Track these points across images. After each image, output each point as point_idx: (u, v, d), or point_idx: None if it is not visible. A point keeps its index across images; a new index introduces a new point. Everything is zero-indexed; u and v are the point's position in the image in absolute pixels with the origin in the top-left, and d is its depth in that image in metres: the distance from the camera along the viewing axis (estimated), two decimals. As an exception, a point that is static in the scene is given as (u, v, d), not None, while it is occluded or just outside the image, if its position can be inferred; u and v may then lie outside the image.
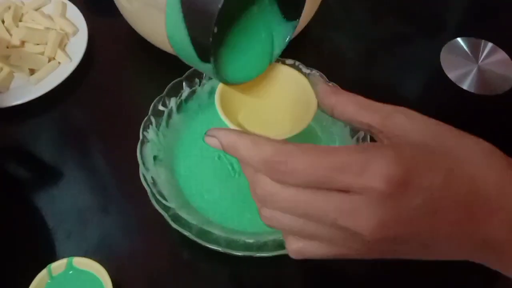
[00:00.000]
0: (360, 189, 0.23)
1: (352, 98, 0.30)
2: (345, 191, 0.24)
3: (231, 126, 0.32)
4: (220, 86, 0.34)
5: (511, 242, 0.26)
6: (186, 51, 0.30)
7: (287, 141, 0.27)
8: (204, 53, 0.28)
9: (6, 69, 0.57)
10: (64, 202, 0.51)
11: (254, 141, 0.26)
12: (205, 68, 0.30)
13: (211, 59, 0.28)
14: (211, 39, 0.27)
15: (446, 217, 0.25)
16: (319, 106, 0.32)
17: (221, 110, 0.33)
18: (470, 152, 0.27)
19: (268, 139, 0.26)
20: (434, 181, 0.24)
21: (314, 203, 0.25)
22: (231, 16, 0.30)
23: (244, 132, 0.28)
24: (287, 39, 0.34)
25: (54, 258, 0.44)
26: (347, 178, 0.24)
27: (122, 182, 0.52)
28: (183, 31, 0.28)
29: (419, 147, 0.26)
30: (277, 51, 0.35)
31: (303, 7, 0.33)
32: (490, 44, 0.67)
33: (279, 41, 0.34)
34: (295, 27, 0.33)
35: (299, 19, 0.34)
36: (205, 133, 0.30)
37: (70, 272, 0.43)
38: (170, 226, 0.42)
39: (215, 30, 0.26)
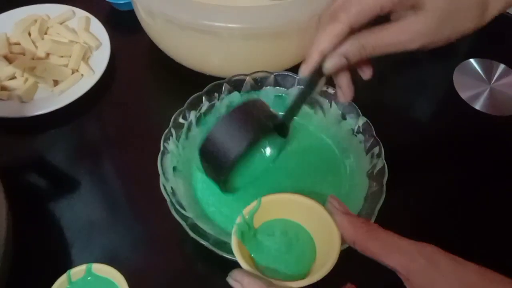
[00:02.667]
0: None
1: (372, 234, 0.29)
2: None
3: (245, 265, 0.32)
4: (236, 227, 0.36)
5: None
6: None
7: None
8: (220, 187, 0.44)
9: (31, 80, 0.59)
10: (83, 211, 0.52)
11: None
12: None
13: (223, 189, 0.44)
14: (220, 185, 0.44)
15: None
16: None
17: (236, 247, 0.34)
18: None
19: None
20: None
21: None
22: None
23: (269, 285, 0.30)
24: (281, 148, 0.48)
25: (74, 265, 0.45)
26: None
27: (140, 192, 0.54)
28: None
29: None
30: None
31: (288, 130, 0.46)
32: (502, 66, 0.68)
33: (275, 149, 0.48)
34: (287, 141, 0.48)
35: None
36: (229, 274, 0.32)
37: (89, 278, 0.44)
38: (186, 237, 0.43)
39: (223, 178, 0.43)
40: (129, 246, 0.50)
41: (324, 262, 0.32)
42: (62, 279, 0.43)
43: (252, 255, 0.35)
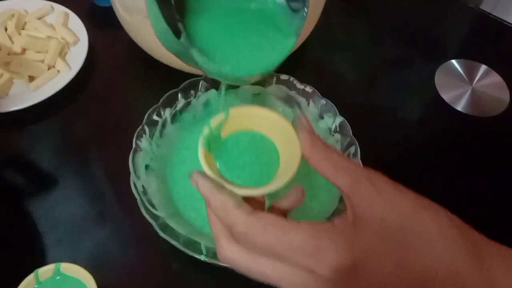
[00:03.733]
0: (310, 270, 0.26)
1: (326, 154, 0.30)
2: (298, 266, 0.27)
3: (209, 173, 0.32)
4: (206, 131, 0.35)
5: None
6: (166, 35, 0.30)
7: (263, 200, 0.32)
8: (176, 29, 0.29)
9: (6, 75, 0.58)
10: (57, 208, 0.51)
11: (222, 205, 0.29)
12: (188, 52, 0.30)
13: (182, 33, 0.28)
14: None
15: None
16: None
17: (202, 156, 0.33)
18: (428, 233, 0.28)
19: (235, 206, 0.29)
20: (382, 271, 0.27)
21: (268, 270, 0.28)
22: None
23: (219, 188, 0.30)
24: (298, 31, 0.33)
25: (42, 264, 0.44)
26: (300, 259, 0.26)
27: (116, 190, 0.53)
28: (159, 15, 0.29)
29: (376, 230, 0.27)
30: (288, 46, 0.34)
31: None
32: (484, 67, 0.68)
33: (289, 35, 0.33)
34: (305, 18, 0.32)
35: (307, 9, 0.33)
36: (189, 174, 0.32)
37: (58, 277, 0.43)
38: (160, 235, 0.42)
39: None
40: (100, 245, 0.49)
41: (284, 176, 0.32)
42: (30, 278, 0.42)
43: (218, 165, 0.35)
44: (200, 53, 0.30)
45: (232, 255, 0.29)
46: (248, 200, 0.31)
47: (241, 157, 0.35)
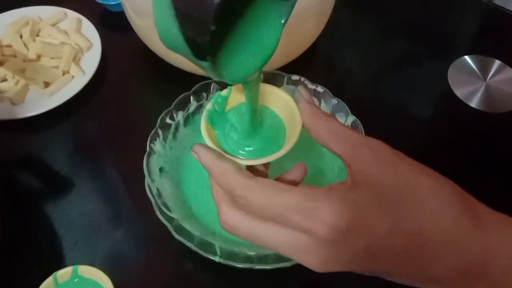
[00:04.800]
0: (307, 231, 0.26)
1: (326, 123, 0.30)
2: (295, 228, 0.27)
3: (211, 145, 0.32)
4: (208, 106, 0.35)
5: (457, 281, 0.28)
6: (180, 49, 0.27)
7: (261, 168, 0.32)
8: (200, 53, 0.26)
9: (22, 82, 0.59)
10: (73, 211, 0.52)
11: (223, 172, 0.29)
12: (202, 65, 0.27)
13: (208, 58, 0.26)
14: (208, 38, 0.24)
15: (388, 261, 0.27)
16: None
17: (205, 130, 0.33)
18: (427, 197, 0.27)
19: (236, 171, 0.29)
20: (378, 232, 0.26)
21: (267, 234, 0.28)
22: (226, 9, 0.25)
23: (219, 156, 0.30)
24: (284, 20, 0.30)
25: (60, 266, 0.45)
26: (297, 220, 0.26)
27: (130, 193, 0.53)
28: (175, 28, 0.25)
29: (374, 192, 0.27)
30: (276, 35, 0.30)
31: None
32: (498, 62, 0.67)
33: (276, 24, 0.30)
34: (293, 5, 0.30)
35: None
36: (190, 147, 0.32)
37: (75, 280, 0.44)
38: (174, 237, 0.43)
39: (213, 28, 0.23)
40: (119, 247, 0.49)
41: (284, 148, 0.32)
42: (48, 281, 0.43)
43: (220, 140, 0.35)
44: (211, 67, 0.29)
45: (233, 221, 0.29)
46: (251, 171, 0.31)
47: (245, 130, 0.34)
